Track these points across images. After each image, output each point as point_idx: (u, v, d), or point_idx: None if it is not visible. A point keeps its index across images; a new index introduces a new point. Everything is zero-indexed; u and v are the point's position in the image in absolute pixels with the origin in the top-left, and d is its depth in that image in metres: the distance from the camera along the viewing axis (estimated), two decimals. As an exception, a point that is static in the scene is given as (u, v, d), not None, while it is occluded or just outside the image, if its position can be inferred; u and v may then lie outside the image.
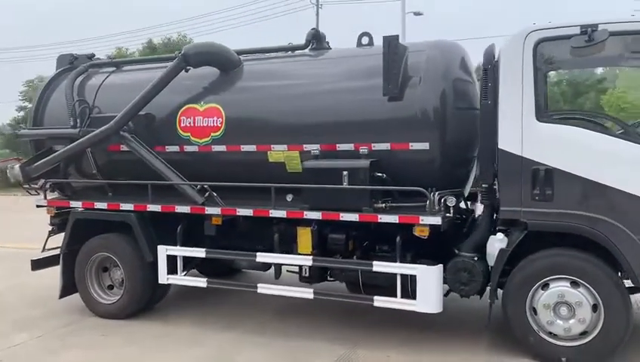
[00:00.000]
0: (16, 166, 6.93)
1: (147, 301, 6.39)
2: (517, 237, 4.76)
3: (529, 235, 4.71)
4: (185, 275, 6.09)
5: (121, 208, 6.26)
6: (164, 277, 6.09)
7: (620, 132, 4.62)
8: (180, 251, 6.04)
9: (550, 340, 4.70)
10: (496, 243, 4.84)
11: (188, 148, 6.18)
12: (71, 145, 6.49)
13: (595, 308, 4.54)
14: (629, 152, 4.40)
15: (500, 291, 4.96)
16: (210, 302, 6.78)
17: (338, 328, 5.77)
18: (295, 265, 5.72)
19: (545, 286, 4.70)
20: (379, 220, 5.12)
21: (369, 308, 5.83)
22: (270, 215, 5.59)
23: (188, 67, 6.17)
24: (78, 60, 7.54)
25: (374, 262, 5.19)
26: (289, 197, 5.84)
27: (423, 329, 5.60)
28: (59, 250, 6.86)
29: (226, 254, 6.03)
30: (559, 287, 4.63)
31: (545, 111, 4.62)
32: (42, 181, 7.01)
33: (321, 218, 5.35)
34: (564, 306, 4.62)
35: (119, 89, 6.85)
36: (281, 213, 5.55)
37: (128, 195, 6.46)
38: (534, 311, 4.74)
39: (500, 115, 4.74)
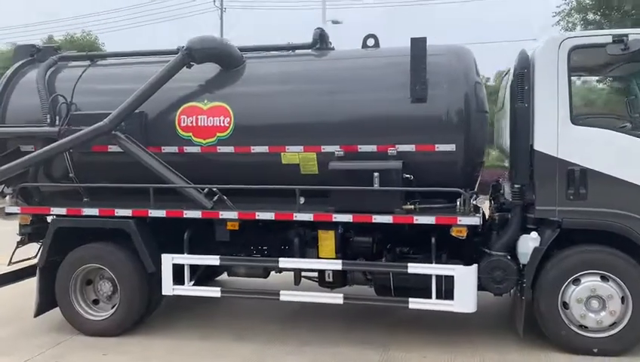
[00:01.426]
0: (-22, 169, 6.11)
1: (142, 314, 5.89)
2: (550, 236, 4.96)
3: (561, 233, 4.92)
4: (193, 285, 5.68)
5: (116, 214, 5.72)
6: (169, 288, 5.64)
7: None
8: (189, 259, 5.63)
9: (581, 333, 4.95)
10: (530, 241, 5.00)
11: (189, 149, 5.79)
12: (52, 145, 5.84)
13: (623, 299, 4.84)
14: None
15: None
16: (202, 313, 6.39)
17: (360, 332, 5.68)
18: (321, 270, 5.54)
19: (576, 281, 4.93)
20: (414, 221, 5.11)
21: (383, 311, 5.87)
22: (294, 218, 5.38)
23: (192, 63, 5.80)
24: (41, 52, 6.82)
25: (409, 264, 5.16)
26: (301, 200, 5.65)
27: (446, 328, 5.66)
28: (29, 262, 6.22)
29: (242, 261, 5.73)
30: (591, 282, 4.89)
31: (577, 115, 4.86)
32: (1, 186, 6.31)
33: (352, 220, 5.24)
34: (595, 300, 4.88)
35: (101, 85, 6.33)
36: (307, 216, 5.35)
37: (108, 200, 5.94)
38: (565, 305, 4.96)
39: (536, 117, 4.92)
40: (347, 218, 5.24)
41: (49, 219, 6.24)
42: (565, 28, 21.59)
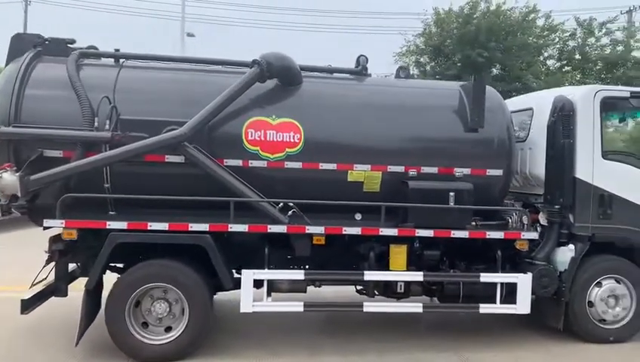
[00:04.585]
0: (6, 175, 5.20)
1: (203, 335, 5.59)
2: (583, 248, 6.10)
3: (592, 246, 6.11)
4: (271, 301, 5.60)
5: (191, 229, 5.38)
6: (248, 306, 5.49)
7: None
8: (272, 275, 5.56)
9: (601, 325, 6.18)
10: (568, 252, 6.09)
11: (254, 164, 5.74)
12: (115, 151, 5.32)
13: (631, 297, 6.19)
14: None
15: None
16: (231, 329, 6.26)
17: (416, 338, 6.19)
18: (394, 282, 5.89)
19: (598, 284, 6.16)
20: (487, 236, 5.84)
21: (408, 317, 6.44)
22: (380, 233, 5.70)
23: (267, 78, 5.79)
24: (50, 45, 6.04)
25: (481, 274, 5.86)
26: (358, 216, 6.01)
27: (483, 328, 6.48)
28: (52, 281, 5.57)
29: (328, 275, 5.82)
30: (611, 284, 6.17)
31: (605, 151, 6.13)
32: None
33: (433, 235, 5.75)
34: (612, 298, 6.16)
35: (146, 89, 5.87)
36: (391, 232, 5.72)
37: (138, 214, 5.50)
38: (590, 304, 6.14)
39: (578, 152, 6.05)
40: (429, 233, 5.75)
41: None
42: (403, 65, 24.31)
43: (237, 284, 5.60)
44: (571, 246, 6.11)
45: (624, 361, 5.84)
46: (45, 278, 5.64)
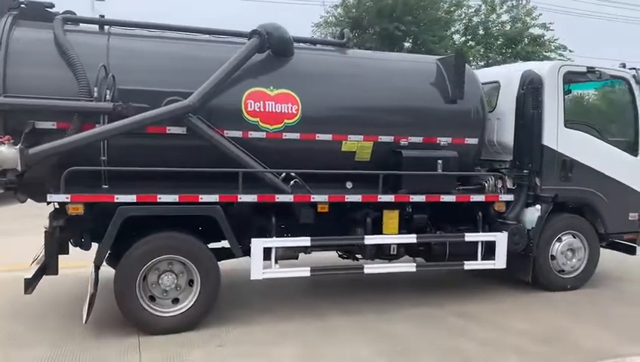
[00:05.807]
0: (4, 148, 4.87)
1: (209, 304, 5.63)
2: (547, 208, 6.79)
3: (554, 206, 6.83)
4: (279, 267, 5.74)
5: (201, 200, 5.37)
6: (259, 273, 5.59)
7: (600, 137, 7.14)
8: (281, 242, 5.69)
9: (561, 276, 6.97)
10: (535, 212, 6.76)
11: (254, 135, 5.81)
12: (119, 122, 5.15)
13: (584, 249, 7.02)
14: (607, 149, 7.03)
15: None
16: (232, 298, 6.36)
17: (407, 296, 6.61)
18: (388, 244, 6.23)
19: (558, 239, 6.91)
20: (471, 200, 6.35)
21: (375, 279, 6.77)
22: (378, 200, 6.00)
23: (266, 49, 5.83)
24: (27, 8, 5.66)
25: (466, 234, 6.37)
26: (349, 185, 6.30)
27: (462, 285, 7.07)
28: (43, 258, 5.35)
29: (332, 240, 6.02)
30: (569, 239, 6.96)
31: (567, 120, 6.82)
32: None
33: (424, 200, 6.15)
34: (570, 251, 6.95)
35: (139, 58, 5.68)
36: (388, 198, 6.04)
37: (125, 187, 5.35)
38: (552, 257, 6.89)
39: (545, 121, 6.68)
40: (421, 198, 6.15)
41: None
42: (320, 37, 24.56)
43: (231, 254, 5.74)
44: (538, 207, 6.78)
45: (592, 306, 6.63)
46: (39, 256, 5.41)
